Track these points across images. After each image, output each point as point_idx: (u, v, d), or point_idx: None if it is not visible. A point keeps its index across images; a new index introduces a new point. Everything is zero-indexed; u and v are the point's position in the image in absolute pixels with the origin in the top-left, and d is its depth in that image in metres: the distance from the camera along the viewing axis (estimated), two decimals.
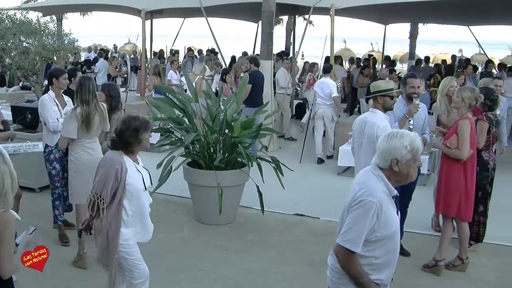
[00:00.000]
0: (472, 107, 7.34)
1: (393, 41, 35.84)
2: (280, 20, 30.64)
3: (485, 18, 21.95)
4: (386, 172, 4.05)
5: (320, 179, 11.67)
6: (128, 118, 5.27)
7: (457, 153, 7.17)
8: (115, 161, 5.17)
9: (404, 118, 7.45)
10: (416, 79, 7.85)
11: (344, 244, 3.91)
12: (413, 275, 7.35)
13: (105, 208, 5.15)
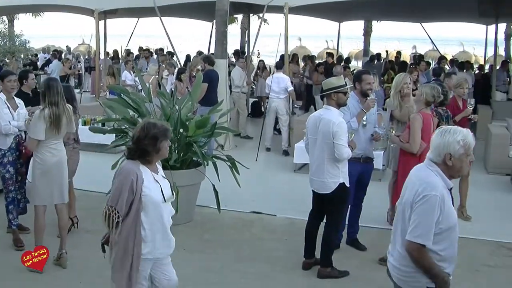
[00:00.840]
0: (429, 104, 7.47)
1: (348, 39, 36.20)
2: (234, 19, 30.71)
3: (437, 15, 22.26)
4: (440, 166, 4.21)
5: (276, 177, 11.71)
6: (147, 125, 4.89)
7: (408, 147, 7.30)
8: (130, 172, 4.80)
9: (362, 112, 7.56)
10: (370, 75, 7.96)
11: (416, 240, 4.08)
12: (370, 269, 7.43)
13: (120, 221, 4.78)
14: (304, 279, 7.16)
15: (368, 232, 8.48)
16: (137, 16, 23.75)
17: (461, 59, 28.56)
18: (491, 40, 20.65)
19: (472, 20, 23.19)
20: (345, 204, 7.29)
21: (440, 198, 4.07)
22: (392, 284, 4.54)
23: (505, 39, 32.01)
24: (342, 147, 6.72)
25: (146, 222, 4.89)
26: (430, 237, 4.06)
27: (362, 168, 7.75)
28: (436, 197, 4.06)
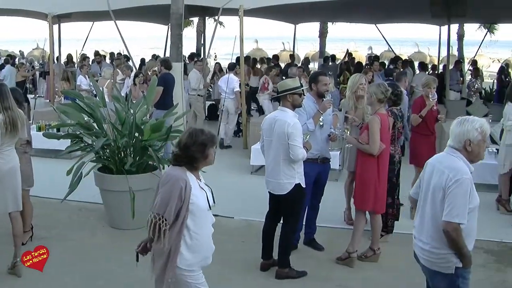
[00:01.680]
0: (382, 101, 7.54)
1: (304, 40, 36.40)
2: (190, 22, 30.63)
3: (391, 16, 22.57)
4: (462, 152, 4.65)
5: (233, 179, 11.71)
6: (195, 132, 4.80)
7: (367, 148, 7.36)
8: (179, 179, 4.67)
9: (318, 113, 7.61)
10: (327, 76, 8.03)
11: (454, 220, 4.51)
12: (327, 268, 7.51)
13: (167, 230, 4.64)
14: (262, 280, 7.19)
15: (326, 232, 8.55)
16: (92, 20, 23.56)
17: (416, 59, 29.02)
18: (444, 40, 21.00)
19: (426, 21, 23.56)
20: (301, 205, 7.32)
21: (470, 180, 4.56)
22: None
23: (458, 40, 32.61)
24: (297, 148, 6.76)
25: (194, 231, 4.77)
26: (465, 216, 4.51)
27: (320, 169, 7.81)
28: (467, 180, 4.54)
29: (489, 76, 31.09)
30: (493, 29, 32.23)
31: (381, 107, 7.54)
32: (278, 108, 7.24)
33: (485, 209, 9.84)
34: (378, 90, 7.50)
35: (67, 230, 8.77)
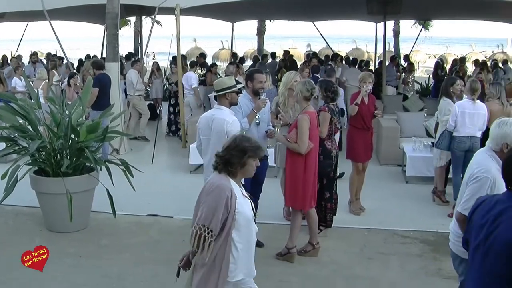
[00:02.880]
0: (309, 99, 7.61)
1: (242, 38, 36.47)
2: (127, 22, 30.33)
3: (328, 13, 22.82)
4: (498, 153, 4.71)
5: (172, 178, 11.67)
6: (240, 137, 4.68)
7: (296, 147, 7.42)
8: (224, 187, 4.47)
9: (253, 113, 7.64)
10: (262, 74, 8.05)
11: (464, 212, 4.69)
12: (267, 264, 7.51)
13: (212, 241, 4.41)
14: None
15: (265, 228, 8.54)
16: (26, 20, 23.08)
17: (354, 56, 29.38)
18: (381, 37, 21.33)
19: (362, 18, 23.93)
20: None
21: (491, 180, 4.65)
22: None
23: (394, 36, 33.26)
24: None
25: (239, 241, 4.59)
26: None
27: (263, 167, 7.82)
28: (487, 179, 4.67)
29: (426, 71, 31.76)
30: (427, 26, 33.03)
31: (308, 104, 7.61)
32: (214, 107, 7.24)
33: (422, 201, 10.18)
34: (303, 87, 7.56)
35: (4, 236, 8.59)
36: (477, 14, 23.79)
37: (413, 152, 11.42)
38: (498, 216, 3.68)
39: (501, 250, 3.56)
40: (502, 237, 3.57)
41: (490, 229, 3.69)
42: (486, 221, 3.75)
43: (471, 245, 3.92)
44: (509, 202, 3.68)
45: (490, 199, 3.91)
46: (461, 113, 9.36)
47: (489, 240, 3.68)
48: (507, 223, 3.58)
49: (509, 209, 3.63)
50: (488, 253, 3.66)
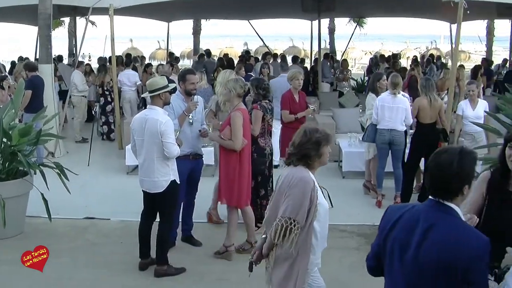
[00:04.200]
0: (241, 96, 7.67)
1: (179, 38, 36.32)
2: (61, 22, 29.85)
3: (263, 12, 22.94)
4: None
5: (109, 180, 11.56)
6: (309, 130, 4.70)
7: (230, 144, 7.46)
8: (308, 180, 4.56)
9: (184, 115, 7.64)
10: (195, 75, 8.05)
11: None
12: (206, 263, 7.57)
13: (298, 234, 4.46)
14: (142, 279, 7.16)
15: (203, 228, 8.64)
16: None
17: (291, 54, 29.65)
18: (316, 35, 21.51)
19: (298, 16, 24.12)
20: (177, 201, 7.35)
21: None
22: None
23: (329, 34, 33.64)
24: (171, 145, 6.78)
25: (319, 231, 4.67)
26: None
27: (192, 165, 7.86)
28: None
29: (362, 67, 32.25)
30: (362, 23, 33.50)
31: (240, 101, 7.67)
32: (147, 107, 7.22)
33: (358, 195, 10.37)
34: (237, 85, 7.62)
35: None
36: (410, 12, 24.39)
37: (348, 148, 11.62)
38: (427, 233, 3.35)
39: (431, 271, 3.30)
40: (433, 258, 3.29)
41: (420, 247, 3.35)
42: (411, 237, 3.41)
43: (391, 262, 3.54)
44: (435, 218, 3.37)
45: (414, 211, 3.51)
46: (381, 107, 9.70)
47: (419, 259, 3.35)
48: (439, 243, 3.29)
49: (436, 227, 3.33)
50: (413, 273, 3.39)
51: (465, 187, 3.34)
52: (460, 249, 3.20)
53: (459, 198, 3.36)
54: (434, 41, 44.45)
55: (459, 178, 3.31)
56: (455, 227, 3.30)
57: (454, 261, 3.19)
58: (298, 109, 9.50)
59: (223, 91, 8.50)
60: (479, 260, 3.21)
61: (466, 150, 3.44)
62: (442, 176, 3.34)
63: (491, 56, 30.15)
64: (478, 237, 3.28)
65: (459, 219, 3.35)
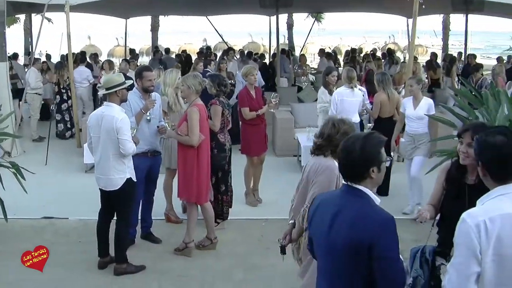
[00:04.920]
0: (199, 93, 7.66)
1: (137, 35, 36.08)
2: (16, 19, 29.39)
3: (221, 8, 22.92)
4: None
5: (67, 179, 11.40)
6: (337, 122, 4.98)
7: (187, 140, 7.44)
8: (334, 168, 4.80)
9: (141, 113, 7.61)
10: (151, 72, 8.02)
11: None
12: (166, 260, 7.57)
13: None
14: (101, 278, 7.12)
15: (162, 225, 8.62)
16: None
17: (250, 49, 29.65)
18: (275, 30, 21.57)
19: (256, 12, 24.13)
20: (134, 199, 7.31)
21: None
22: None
23: (288, 29, 33.75)
24: (127, 142, 6.75)
25: None
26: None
27: (150, 162, 7.84)
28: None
29: None
30: (320, 18, 33.67)
31: (197, 97, 7.66)
32: (104, 104, 7.17)
33: None
34: (195, 81, 7.63)
35: None
36: (367, 7, 24.60)
37: (307, 142, 11.61)
38: (337, 215, 3.54)
39: (343, 251, 3.46)
40: (342, 237, 3.46)
41: (332, 228, 3.53)
42: (326, 220, 3.59)
43: (316, 246, 3.77)
44: (345, 200, 3.57)
45: (331, 196, 3.77)
46: (340, 101, 9.85)
47: (331, 241, 3.54)
48: (346, 223, 3.46)
49: (345, 208, 3.52)
50: (332, 255, 3.55)
51: (371, 170, 3.52)
52: (366, 226, 3.38)
53: (367, 180, 3.54)
54: (392, 35, 44.93)
55: (362, 161, 3.50)
56: (361, 207, 3.50)
57: (362, 238, 3.37)
58: (256, 105, 9.44)
59: (182, 87, 8.38)
60: (385, 234, 3.38)
61: (371, 134, 3.65)
62: (347, 160, 3.57)
63: (447, 50, 30.59)
64: (382, 214, 3.46)
65: (367, 199, 3.53)
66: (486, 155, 3.33)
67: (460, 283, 3.21)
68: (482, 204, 3.34)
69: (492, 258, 3.14)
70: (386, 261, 3.37)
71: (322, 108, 10.38)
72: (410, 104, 9.42)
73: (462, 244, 3.22)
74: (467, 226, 3.18)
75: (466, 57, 21.97)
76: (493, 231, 3.13)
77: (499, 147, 3.28)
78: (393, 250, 3.42)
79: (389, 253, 3.38)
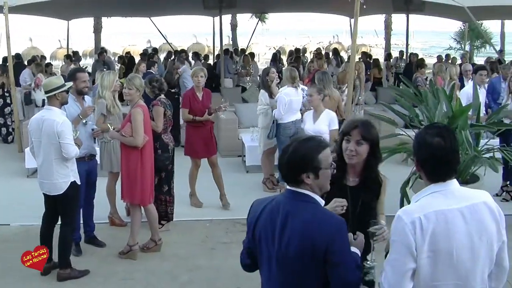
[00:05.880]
0: (141, 93, 7.65)
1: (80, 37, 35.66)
2: None
3: (164, 9, 22.81)
4: None
5: (8, 184, 11.19)
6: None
7: (131, 141, 7.43)
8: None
9: (78, 119, 7.56)
10: (85, 73, 8.04)
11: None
12: (110, 263, 7.53)
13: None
14: (44, 284, 7.02)
15: (106, 228, 8.56)
16: None
17: (194, 50, 29.60)
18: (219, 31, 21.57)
19: (200, 13, 24.07)
20: (78, 203, 7.25)
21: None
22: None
23: (232, 30, 33.83)
24: (69, 146, 6.68)
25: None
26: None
27: (88, 166, 7.81)
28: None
29: (266, 62, 32.58)
30: (264, 18, 33.87)
31: (140, 98, 7.66)
32: (44, 107, 7.08)
33: (260, 189, 10.48)
34: (142, 82, 7.72)
35: None
36: (311, 7, 24.81)
37: (251, 142, 11.73)
38: (286, 222, 3.44)
39: (296, 258, 3.40)
40: (295, 245, 3.39)
41: (282, 236, 3.44)
42: (273, 228, 3.49)
43: (263, 255, 3.60)
44: (292, 206, 3.46)
45: (273, 203, 3.59)
46: (289, 102, 9.94)
47: (282, 249, 3.43)
48: (297, 230, 3.38)
49: (293, 215, 3.42)
50: (283, 263, 3.46)
51: (305, 176, 3.43)
52: (320, 232, 3.33)
53: (308, 186, 3.46)
54: (337, 35, 45.42)
55: (293, 164, 3.43)
56: (310, 211, 3.42)
57: (317, 244, 3.32)
58: (200, 108, 9.29)
59: (129, 89, 8.16)
60: (339, 238, 3.36)
61: (312, 138, 3.55)
62: (282, 164, 3.51)
63: (389, 49, 31.16)
64: (334, 218, 3.44)
65: (315, 204, 3.47)
66: (422, 154, 3.37)
67: (396, 280, 3.25)
68: (416, 201, 3.39)
69: (427, 255, 3.20)
70: (344, 265, 3.36)
71: (262, 110, 10.43)
72: (309, 118, 8.99)
73: (397, 241, 3.26)
74: (403, 223, 3.23)
75: (408, 56, 22.39)
76: (428, 228, 3.19)
77: (435, 149, 3.30)
78: (348, 253, 3.44)
79: (345, 257, 3.39)
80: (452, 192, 3.32)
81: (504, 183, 9.94)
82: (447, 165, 3.33)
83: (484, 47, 34.39)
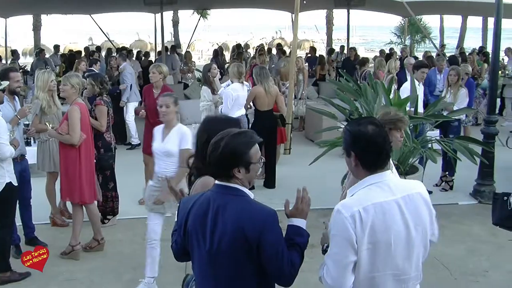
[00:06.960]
0: (80, 92, 7.57)
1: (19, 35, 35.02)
2: None
3: (105, 6, 22.54)
4: None
5: None
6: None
7: (68, 139, 7.35)
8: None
9: (16, 119, 7.42)
10: (18, 72, 7.95)
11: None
12: (52, 264, 7.32)
13: None
14: None
15: (47, 229, 8.44)
16: None
17: (137, 47, 29.40)
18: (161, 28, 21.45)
19: (141, 9, 23.86)
20: (15, 204, 7.09)
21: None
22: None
23: (173, 26, 33.70)
24: (3, 146, 6.50)
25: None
26: None
27: (21, 167, 7.56)
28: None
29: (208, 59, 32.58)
30: (205, 15, 33.78)
31: (78, 96, 7.59)
32: None
33: None
34: (79, 80, 7.59)
35: None
36: (253, 3, 24.85)
37: (194, 138, 11.69)
38: (217, 216, 3.46)
39: (229, 252, 3.43)
40: (227, 238, 3.41)
41: (215, 231, 3.46)
42: (203, 223, 3.50)
43: (195, 252, 3.61)
44: (222, 201, 3.48)
45: (202, 198, 3.59)
46: (237, 97, 10.05)
47: (214, 243, 3.45)
48: (229, 223, 3.40)
49: (224, 209, 3.44)
50: (216, 259, 3.48)
51: (236, 170, 3.45)
52: (252, 224, 3.37)
53: (238, 180, 3.49)
54: (279, 31, 45.71)
55: (225, 159, 3.43)
56: (240, 204, 3.45)
57: (250, 236, 3.35)
58: (152, 104, 9.10)
59: (65, 87, 7.99)
60: (271, 228, 3.39)
61: (243, 133, 3.56)
62: (210, 156, 3.48)
63: (331, 44, 31.48)
64: (265, 209, 3.46)
65: (244, 197, 3.50)
66: (360, 144, 3.40)
67: (338, 273, 3.30)
68: (352, 194, 3.44)
69: (367, 247, 3.26)
70: (277, 255, 3.38)
71: (205, 106, 10.41)
72: (158, 134, 6.79)
73: (338, 235, 3.30)
74: (342, 217, 3.27)
75: (348, 50, 22.65)
76: (367, 220, 3.25)
77: (373, 135, 3.36)
78: (281, 243, 3.45)
79: (278, 247, 3.40)
80: (387, 184, 3.39)
81: (443, 173, 10.15)
82: (385, 152, 3.40)
83: (424, 41, 35.18)
